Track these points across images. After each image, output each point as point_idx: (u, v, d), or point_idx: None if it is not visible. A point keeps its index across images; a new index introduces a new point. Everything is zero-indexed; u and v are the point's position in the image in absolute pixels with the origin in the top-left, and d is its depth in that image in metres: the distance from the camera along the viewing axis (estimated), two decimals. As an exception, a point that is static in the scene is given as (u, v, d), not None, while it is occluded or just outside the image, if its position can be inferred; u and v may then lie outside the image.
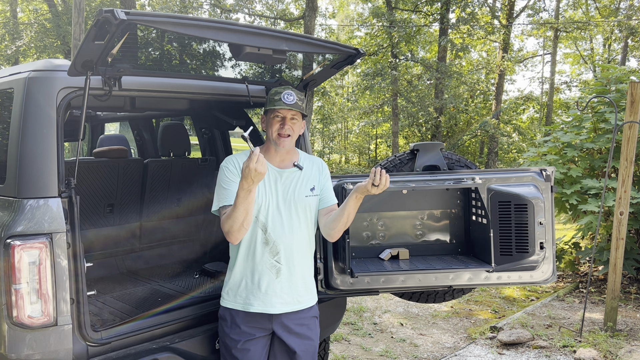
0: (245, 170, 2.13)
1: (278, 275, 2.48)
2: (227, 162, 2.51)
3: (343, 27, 28.38)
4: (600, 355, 4.33)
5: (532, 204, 3.01)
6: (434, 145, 3.41)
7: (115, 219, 3.87)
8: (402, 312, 5.69)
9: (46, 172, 2.21)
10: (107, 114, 5.23)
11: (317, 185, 2.61)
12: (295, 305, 2.53)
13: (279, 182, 2.52)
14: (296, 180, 2.55)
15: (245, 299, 2.48)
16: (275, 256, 2.48)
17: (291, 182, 2.54)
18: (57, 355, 2.17)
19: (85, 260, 2.30)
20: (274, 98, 2.46)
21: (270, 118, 2.49)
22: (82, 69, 2.19)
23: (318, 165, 2.68)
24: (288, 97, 2.43)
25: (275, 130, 2.47)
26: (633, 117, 4.79)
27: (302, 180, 2.56)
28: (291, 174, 2.55)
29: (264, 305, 2.47)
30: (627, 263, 5.91)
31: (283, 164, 2.56)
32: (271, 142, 2.50)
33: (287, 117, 2.47)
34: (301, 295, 2.56)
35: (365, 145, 28.75)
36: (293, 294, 2.52)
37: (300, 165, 2.57)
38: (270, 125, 2.49)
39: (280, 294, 2.48)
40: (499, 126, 19.79)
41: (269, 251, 2.47)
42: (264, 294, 2.46)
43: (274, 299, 2.48)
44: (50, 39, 20.35)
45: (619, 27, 23.37)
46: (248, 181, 2.16)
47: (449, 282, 3.11)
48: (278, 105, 2.43)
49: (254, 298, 2.47)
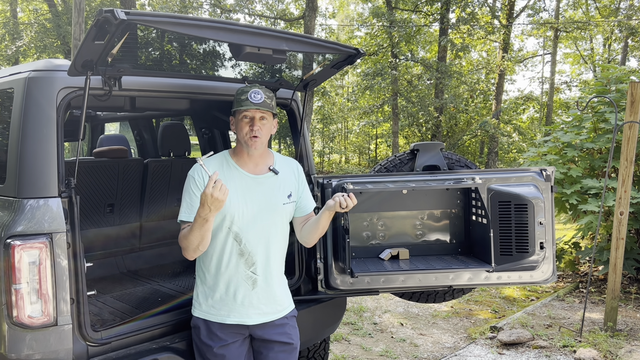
0: (202, 196, 2.05)
1: (254, 287, 2.39)
2: (194, 170, 2.38)
3: (343, 27, 28.39)
4: (600, 355, 4.33)
5: (532, 204, 3.02)
6: (434, 145, 3.41)
7: (115, 219, 3.87)
8: (402, 312, 5.69)
9: (46, 172, 2.21)
10: (107, 114, 5.24)
11: (294, 191, 2.51)
12: (273, 315, 2.45)
13: (254, 190, 2.40)
14: (272, 186, 2.44)
15: (220, 311, 2.38)
16: (251, 267, 2.38)
17: (267, 189, 2.42)
18: (57, 355, 2.17)
19: (85, 260, 2.30)
20: (241, 98, 2.34)
21: (238, 119, 2.36)
22: (82, 69, 2.19)
23: (294, 168, 2.58)
24: (255, 96, 2.31)
25: (245, 132, 2.34)
26: (633, 117, 4.79)
27: (278, 186, 2.45)
28: (267, 179, 2.44)
29: (240, 316, 2.38)
30: (627, 263, 5.91)
31: (257, 168, 2.44)
32: (242, 145, 2.38)
33: (256, 118, 2.34)
34: (279, 304, 2.48)
35: (365, 145, 28.75)
36: (271, 303, 2.44)
37: (276, 169, 2.45)
38: (239, 127, 2.36)
39: (257, 304, 2.40)
40: (499, 126, 19.79)
41: (244, 262, 2.37)
42: (239, 305, 2.37)
43: (250, 310, 2.39)
44: (50, 39, 20.36)
45: (619, 27, 23.36)
46: (205, 209, 2.07)
47: (449, 282, 3.11)
48: (245, 106, 2.31)
49: (230, 310, 2.38)
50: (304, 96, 3.24)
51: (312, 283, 3.22)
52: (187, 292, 3.26)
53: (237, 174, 2.40)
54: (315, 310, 3.16)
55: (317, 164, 25.94)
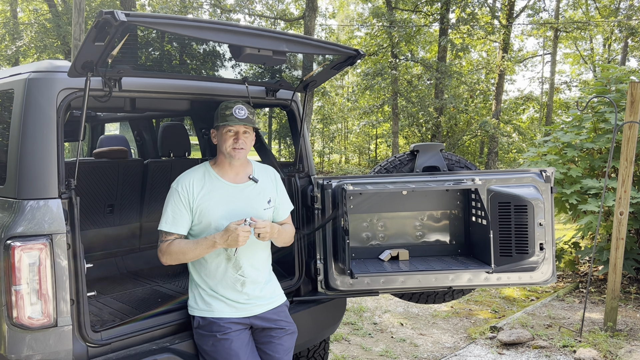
0: (230, 229, 2.31)
1: (243, 287, 2.55)
2: (179, 184, 2.54)
3: (343, 27, 28.38)
4: (600, 355, 4.34)
5: (531, 205, 3.02)
6: (434, 146, 3.41)
7: (116, 219, 3.87)
8: (402, 312, 5.69)
9: (46, 173, 2.21)
10: (107, 115, 5.23)
11: (273, 197, 2.68)
12: (267, 306, 2.62)
13: (235, 198, 2.55)
14: (252, 193, 2.60)
15: (216, 307, 2.53)
16: (238, 271, 2.54)
17: (247, 197, 2.58)
18: (57, 356, 2.17)
19: (85, 261, 2.30)
20: (225, 113, 2.50)
21: (222, 133, 2.52)
22: (82, 70, 2.19)
23: (271, 176, 2.74)
24: (239, 112, 2.49)
25: (229, 145, 2.50)
26: (633, 117, 4.79)
27: (258, 193, 2.62)
28: (246, 188, 2.60)
29: (236, 311, 2.54)
30: (627, 263, 5.91)
31: (238, 177, 2.60)
32: (225, 155, 2.54)
33: (240, 132, 2.51)
34: (271, 297, 2.65)
35: (365, 145, 28.74)
36: (263, 296, 2.62)
37: (256, 178, 2.62)
38: (223, 140, 2.52)
39: (249, 300, 2.57)
40: (499, 126, 19.79)
41: (232, 266, 2.54)
42: (233, 302, 2.54)
43: (244, 305, 2.56)
44: (50, 39, 20.36)
45: (619, 27, 23.36)
46: (223, 239, 2.34)
47: (448, 283, 3.11)
48: (231, 121, 2.47)
49: (225, 306, 2.53)
50: (304, 97, 3.24)
51: (312, 284, 3.22)
52: (187, 292, 3.24)
53: (219, 184, 2.55)
54: (315, 310, 3.17)
55: (317, 164, 25.94)
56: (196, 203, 2.49)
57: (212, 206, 2.49)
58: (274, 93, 3.18)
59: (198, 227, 2.52)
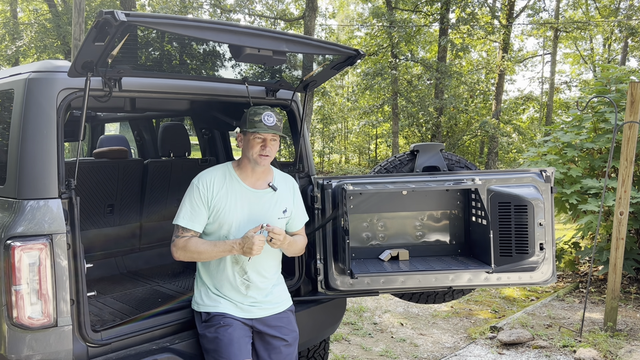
0: (247, 241, 2.33)
1: (248, 290, 2.56)
2: (200, 181, 2.53)
3: (343, 27, 28.38)
4: (600, 355, 4.34)
5: (532, 205, 3.02)
6: (434, 146, 3.41)
7: (116, 219, 3.87)
8: (402, 312, 5.69)
9: (46, 173, 2.21)
10: (107, 115, 5.23)
11: (289, 207, 2.67)
12: (271, 310, 2.62)
13: (252, 203, 2.55)
14: (269, 201, 2.59)
15: (221, 305, 2.54)
16: (243, 275, 2.55)
17: (264, 204, 2.58)
18: (57, 356, 2.17)
19: (85, 261, 2.30)
20: (254, 119, 2.47)
21: (250, 139, 2.50)
22: (82, 70, 2.19)
23: (291, 185, 2.73)
24: (268, 119, 2.46)
25: (256, 151, 2.49)
26: (633, 117, 4.79)
27: (275, 201, 2.61)
28: (264, 194, 2.59)
29: (240, 311, 2.55)
30: (627, 263, 5.91)
31: (258, 183, 2.59)
32: (250, 161, 2.52)
33: (268, 139, 2.48)
34: (276, 301, 2.65)
35: (365, 145, 28.73)
36: (268, 301, 2.62)
37: (275, 186, 2.60)
38: (250, 146, 2.50)
39: (254, 302, 2.58)
40: (499, 126, 19.79)
41: (238, 269, 2.55)
42: (238, 303, 2.56)
43: (248, 307, 2.57)
44: (50, 39, 20.36)
45: (619, 27, 23.36)
46: (240, 246, 2.36)
47: (448, 283, 3.11)
48: (260, 128, 2.45)
49: (229, 304, 2.55)
50: (304, 97, 3.25)
51: (312, 284, 3.22)
52: (187, 292, 3.26)
53: (239, 187, 2.55)
54: (315, 311, 3.17)
55: (317, 164, 25.93)
56: (213, 202, 2.49)
57: (228, 208, 2.50)
58: (274, 93, 3.18)
59: (211, 226, 2.53)
